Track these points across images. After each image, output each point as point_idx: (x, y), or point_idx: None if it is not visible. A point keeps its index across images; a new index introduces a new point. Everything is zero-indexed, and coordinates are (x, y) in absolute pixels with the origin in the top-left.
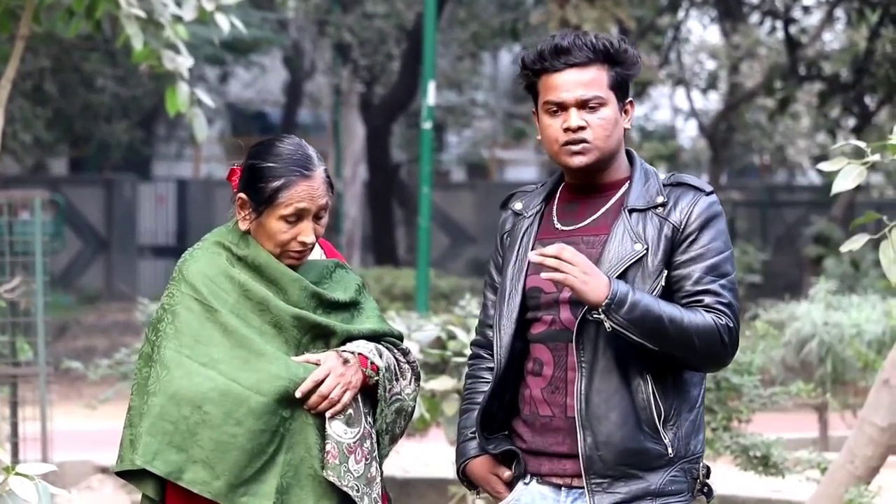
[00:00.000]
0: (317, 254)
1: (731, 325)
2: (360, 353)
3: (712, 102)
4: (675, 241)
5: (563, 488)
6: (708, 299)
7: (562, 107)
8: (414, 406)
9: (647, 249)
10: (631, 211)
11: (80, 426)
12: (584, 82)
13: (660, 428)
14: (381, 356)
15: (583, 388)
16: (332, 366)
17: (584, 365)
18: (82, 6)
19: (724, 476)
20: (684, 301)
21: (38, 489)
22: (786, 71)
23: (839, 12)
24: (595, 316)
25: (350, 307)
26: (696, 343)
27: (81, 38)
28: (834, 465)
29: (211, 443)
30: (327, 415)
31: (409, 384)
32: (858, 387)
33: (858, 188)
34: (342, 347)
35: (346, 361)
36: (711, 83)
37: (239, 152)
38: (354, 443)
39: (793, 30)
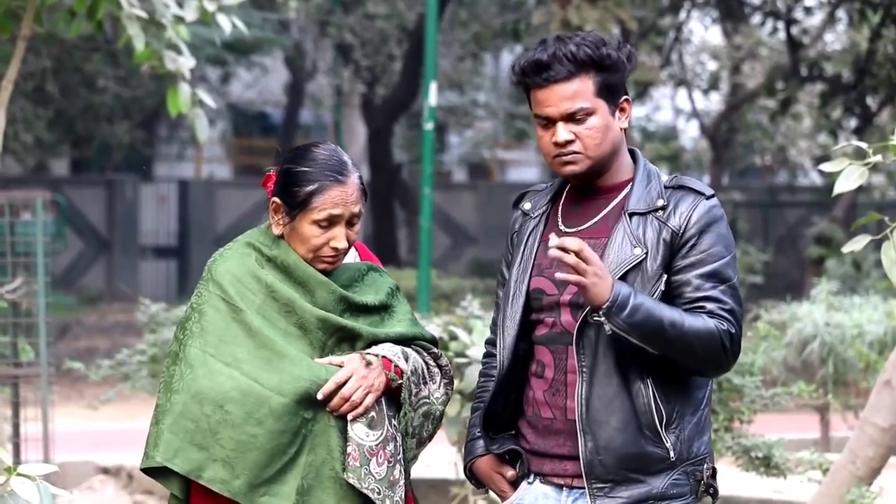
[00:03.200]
0: (351, 257)
1: (733, 330)
2: (383, 356)
3: (714, 103)
4: (675, 246)
5: (564, 488)
6: (710, 305)
7: (549, 121)
8: (443, 410)
9: (646, 253)
10: (631, 214)
11: (82, 427)
12: (567, 96)
13: (661, 431)
14: (407, 360)
15: (583, 392)
16: (354, 367)
17: (584, 369)
18: (84, 7)
19: (726, 477)
20: (686, 307)
21: (40, 490)
22: (787, 72)
23: (841, 13)
24: (595, 318)
25: (380, 310)
26: (696, 348)
27: (83, 38)
28: (835, 465)
29: (231, 442)
30: (349, 417)
31: (439, 388)
32: (860, 388)
33: (860, 189)
34: (367, 350)
35: (368, 364)
36: (713, 84)
37: (275, 158)
38: (377, 445)
39: (794, 30)
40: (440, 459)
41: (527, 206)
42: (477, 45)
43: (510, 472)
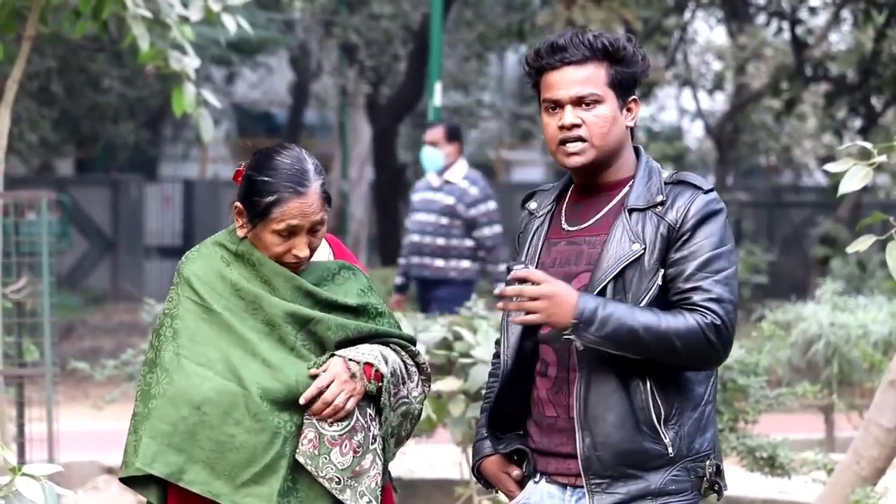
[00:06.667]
0: (325, 254)
1: (718, 322)
2: (365, 363)
3: (719, 103)
4: (671, 240)
5: (567, 487)
6: (696, 296)
7: (558, 104)
8: (421, 408)
9: (644, 249)
10: (631, 210)
11: (87, 427)
12: (579, 80)
13: (659, 428)
14: (386, 362)
15: (582, 389)
16: (336, 372)
17: (583, 366)
18: (89, 7)
19: (731, 477)
20: (675, 298)
21: (45, 490)
22: (792, 72)
23: (846, 13)
24: (566, 337)
25: (353, 311)
26: (678, 347)
27: (88, 38)
28: (840, 466)
29: (210, 443)
30: (330, 421)
31: (417, 387)
32: (864, 388)
33: (865, 189)
34: (351, 349)
35: (353, 375)
36: (718, 84)
37: (246, 153)
38: (340, 435)
39: (799, 31)
40: (445, 460)
41: (533, 205)
42: (482, 46)
43: (516, 472)
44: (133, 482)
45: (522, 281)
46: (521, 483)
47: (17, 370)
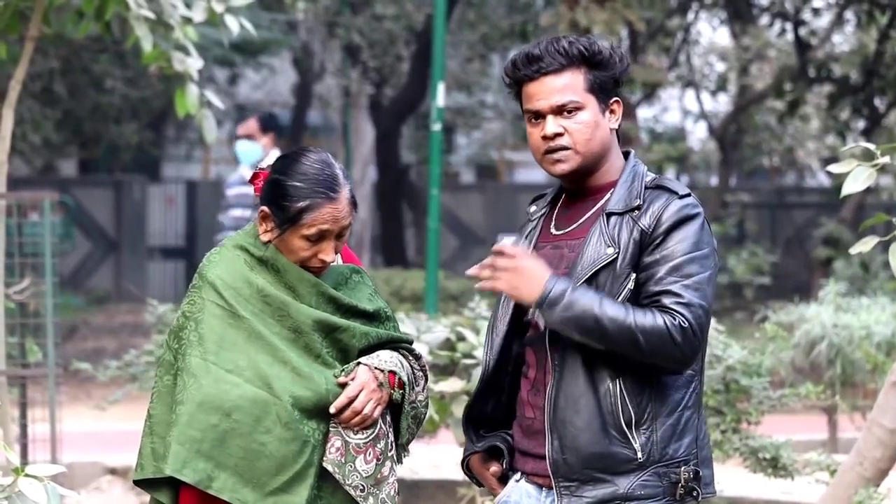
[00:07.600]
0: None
1: (686, 325)
2: (390, 371)
3: (722, 104)
4: (643, 245)
5: (543, 488)
6: (666, 300)
7: (539, 115)
8: (426, 412)
9: (617, 253)
10: (609, 215)
11: (90, 427)
12: (557, 88)
13: (628, 432)
14: (402, 369)
15: (553, 391)
16: (364, 381)
17: (556, 368)
18: (92, 7)
19: (734, 478)
20: (645, 302)
21: (48, 490)
22: (795, 73)
23: (849, 14)
24: (531, 313)
25: (368, 316)
26: (640, 342)
27: (91, 39)
28: (843, 467)
29: (240, 451)
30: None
31: (423, 391)
32: (867, 389)
33: (868, 190)
34: (373, 357)
35: (380, 384)
36: (721, 85)
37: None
38: (365, 443)
39: (802, 32)
40: (448, 460)
41: (532, 208)
42: (485, 47)
43: (493, 469)
44: (143, 483)
45: (501, 254)
46: (505, 479)
47: (20, 371)
